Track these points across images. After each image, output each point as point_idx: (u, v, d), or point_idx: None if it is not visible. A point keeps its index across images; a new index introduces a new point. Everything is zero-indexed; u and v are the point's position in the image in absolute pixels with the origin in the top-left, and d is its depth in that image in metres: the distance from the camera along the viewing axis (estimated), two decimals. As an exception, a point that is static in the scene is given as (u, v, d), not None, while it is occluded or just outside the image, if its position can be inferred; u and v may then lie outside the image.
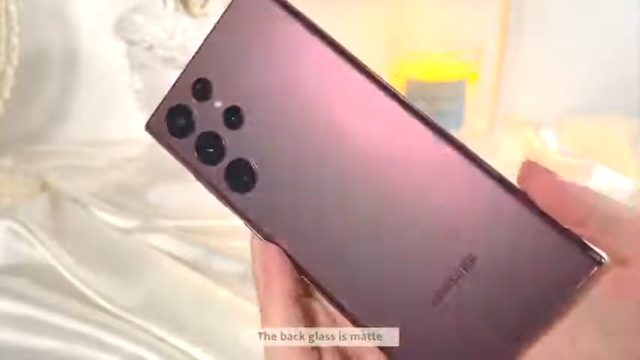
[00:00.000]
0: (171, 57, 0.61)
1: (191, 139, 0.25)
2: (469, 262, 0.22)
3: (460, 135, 0.69)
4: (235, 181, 0.25)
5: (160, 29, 0.61)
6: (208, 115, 0.25)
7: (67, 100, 0.74)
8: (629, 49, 0.78)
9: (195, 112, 0.25)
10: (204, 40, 0.25)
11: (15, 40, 0.61)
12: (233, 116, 0.25)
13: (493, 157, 0.70)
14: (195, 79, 0.25)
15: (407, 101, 0.23)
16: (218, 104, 0.25)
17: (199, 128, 0.25)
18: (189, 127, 0.25)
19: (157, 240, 0.57)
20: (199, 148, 0.25)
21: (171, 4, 0.62)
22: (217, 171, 0.25)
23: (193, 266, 0.54)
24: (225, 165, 0.25)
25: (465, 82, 0.68)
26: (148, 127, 0.26)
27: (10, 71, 0.61)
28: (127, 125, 0.72)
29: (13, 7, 0.60)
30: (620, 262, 0.21)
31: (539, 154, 0.72)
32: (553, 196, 0.21)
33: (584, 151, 0.71)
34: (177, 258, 0.55)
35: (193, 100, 0.25)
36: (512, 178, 0.23)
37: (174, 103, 0.25)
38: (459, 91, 0.67)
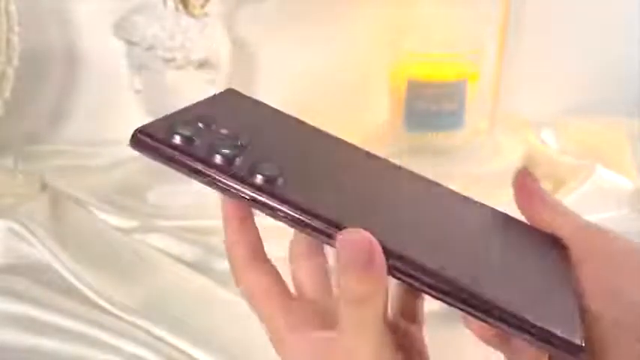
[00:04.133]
0: (171, 57, 0.61)
1: (203, 141, 0.24)
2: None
3: (460, 135, 0.69)
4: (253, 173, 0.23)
5: (160, 29, 0.61)
6: (217, 134, 0.25)
7: (67, 100, 0.74)
8: (629, 49, 0.78)
9: (203, 130, 0.25)
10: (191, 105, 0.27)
11: (15, 40, 0.61)
12: (242, 140, 0.25)
13: (493, 157, 0.70)
14: (197, 115, 0.25)
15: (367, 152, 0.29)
16: (224, 132, 0.25)
17: (209, 138, 0.24)
18: (197, 136, 0.24)
19: (157, 240, 0.57)
20: (215, 146, 0.24)
21: (171, 4, 0.62)
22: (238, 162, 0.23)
23: (193, 266, 0.54)
24: (245, 160, 0.24)
25: (465, 82, 0.68)
26: (134, 137, 0.25)
27: (10, 71, 0.61)
28: (127, 125, 0.71)
29: (13, 7, 0.60)
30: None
31: (539, 154, 0.72)
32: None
33: (584, 151, 0.71)
34: (177, 258, 0.55)
35: (198, 124, 0.25)
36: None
37: (177, 119, 0.25)
38: (459, 91, 0.67)
